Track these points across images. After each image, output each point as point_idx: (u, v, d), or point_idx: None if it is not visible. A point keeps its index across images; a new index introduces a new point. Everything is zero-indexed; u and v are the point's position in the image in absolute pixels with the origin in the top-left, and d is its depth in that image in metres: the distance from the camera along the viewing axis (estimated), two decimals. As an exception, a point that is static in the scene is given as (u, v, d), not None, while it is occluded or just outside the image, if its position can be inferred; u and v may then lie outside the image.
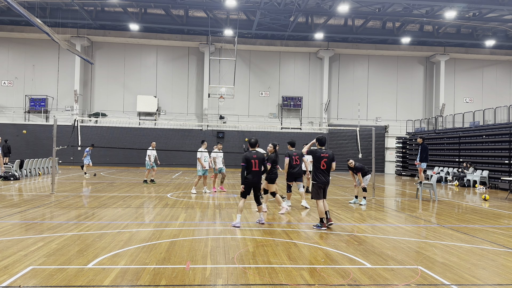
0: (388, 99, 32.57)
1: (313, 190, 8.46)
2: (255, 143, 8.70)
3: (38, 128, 28.66)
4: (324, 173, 8.40)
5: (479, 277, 5.42)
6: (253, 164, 8.40)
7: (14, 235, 7.20)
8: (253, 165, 8.41)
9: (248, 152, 8.56)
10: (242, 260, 5.91)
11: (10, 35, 29.52)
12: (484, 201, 14.26)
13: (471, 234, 8.22)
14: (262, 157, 8.58)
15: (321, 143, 8.62)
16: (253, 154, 8.47)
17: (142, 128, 29.73)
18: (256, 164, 8.42)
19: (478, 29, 29.67)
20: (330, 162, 8.48)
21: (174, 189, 15.52)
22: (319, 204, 8.35)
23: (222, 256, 6.08)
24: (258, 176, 8.49)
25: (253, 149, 8.65)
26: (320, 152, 8.45)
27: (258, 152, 8.64)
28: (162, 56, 31.26)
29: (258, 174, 8.49)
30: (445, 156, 24.72)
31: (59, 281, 4.83)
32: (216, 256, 6.07)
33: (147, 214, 9.88)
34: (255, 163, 8.41)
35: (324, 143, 8.67)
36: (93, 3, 26.78)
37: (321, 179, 8.36)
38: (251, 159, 8.39)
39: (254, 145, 8.67)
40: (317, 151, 8.47)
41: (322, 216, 8.35)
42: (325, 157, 8.39)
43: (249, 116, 31.24)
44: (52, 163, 13.94)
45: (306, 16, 28.96)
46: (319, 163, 8.37)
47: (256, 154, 8.50)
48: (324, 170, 8.39)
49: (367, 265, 5.79)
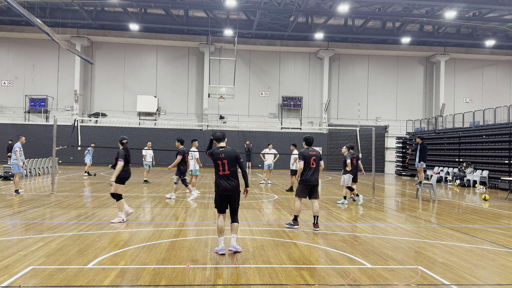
0: (388, 99, 32.57)
1: (300, 188, 8.47)
2: (222, 137, 6.50)
3: (38, 128, 28.66)
4: (314, 171, 8.44)
5: (479, 277, 5.42)
6: (221, 166, 6.28)
7: (14, 235, 7.20)
8: (221, 168, 6.28)
9: (215, 149, 6.40)
10: (242, 260, 5.91)
11: (10, 35, 29.52)
12: (484, 201, 14.26)
13: (471, 234, 8.22)
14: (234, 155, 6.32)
15: (308, 143, 8.68)
16: (221, 153, 6.30)
17: (142, 128, 29.73)
18: (226, 165, 6.27)
19: (478, 29, 29.67)
20: (319, 160, 8.53)
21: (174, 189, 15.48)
22: (297, 202, 8.40)
23: (222, 256, 6.08)
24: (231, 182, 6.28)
25: (221, 146, 6.45)
26: (309, 151, 8.51)
27: (228, 149, 6.39)
28: (162, 56, 31.27)
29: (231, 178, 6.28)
30: (445, 156, 24.72)
31: (59, 281, 4.83)
32: (216, 256, 6.07)
33: (147, 214, 9.88)
34: (223, 164, 6.27)
35: (312, 143, 8.72)
36: (93, 3, 26.78)
37: (309, 178, 8.38)
38: (217, 159, 6.29)
39: (221, 140, 6.49)
40: (306, 151, 8.52)
41: (297, 214, 8.42)
42: (313, 155, 8.46)
43: (249, 116, 31.24)
44: (52, 163, 13.94)
45: (306, 16, 28.96)
46: (308, 162, 8.40)
47: (224, 152, 6.31)
48: (313, 169, 8.43)
49: (367, 265, 5.79)
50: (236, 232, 6.38)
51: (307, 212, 10.75)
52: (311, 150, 8.53)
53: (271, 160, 18.78)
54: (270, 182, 19.04)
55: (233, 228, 6.39)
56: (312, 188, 8.41)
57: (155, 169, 25.26)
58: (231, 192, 6.27)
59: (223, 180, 6.26)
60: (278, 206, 11.71)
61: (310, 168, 8.37)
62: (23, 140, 13.32)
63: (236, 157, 6.33)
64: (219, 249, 6.23)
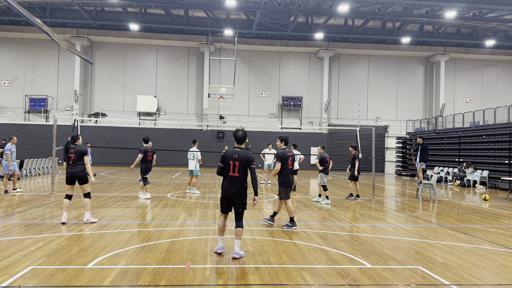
0: (388, 99, 32.57)
1: (282, 190, 8.42)
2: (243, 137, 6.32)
3: (38, 128, 28.67)
4: (291, 172, 8.46)
5: (479, 277, 5.42)
6: (231, 167, 6.10)
7: (14, 235, 7.20)
8: (231, 168, 6.10)
9: (230, 149, 6.32)
10: (242, 260, 5.91)
11: (10, 35, 29.52)
12: (484, 201, 14.26)
13: (471, 234, 8.22)
14: (246, 159, 6.14)
15: (286, 142, 8.64)
16: (235, 153, 6.16)
17: (142, 128, 29.74)
18: (236, 167, 6.09)
19: (478, 29, 29.67)
20: (293, 161, 8.56)
21: (174, 189, 15.52)
22: (289, 203, 8.38)
23: (222, 256, 6.08)
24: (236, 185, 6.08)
25: (239, 146, 6.30)
26: (287, 151, 8.48)
27: (242, 151, 6.21)
28: (162, 56, 31.27)
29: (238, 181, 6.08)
30: (445, 156, 24.72)
31: (59, 281, 4.83)
32: (216, 256, 6.06)
33: (147, 214, 9.88)
34: (234, 166, 6.10)
35: (288, 142, 8.69)
36: (93, 3, 26.78)
37: (290, 179, 8.40)
38: (229, 159, 6.14)
39: (241, 141, 6.32)
40: (285, 151, 8.46)
41: (292, 215, 8.39)
42: (291, 155, 8.45)
43: (249, 116, 31.24)
44: (52, 163, 13.95)
45: (306, 16, 28.96)
46: (286, 162, 8.36)
47: (238, 154, 6.16)
48: (290, 170, 8.44)
49: (367, 265, 5.78)
50: (240, 237, 6.06)
51: (307, 212, 10.75)
52: (288, 151, 8.47)
53: (271, 160, 18.78)
54: (270, 182, 19.05)
55: (236, 233, 6.09)
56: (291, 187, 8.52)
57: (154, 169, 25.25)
58: (235, 196, 6.06)
59: (230, 181, 6.07)
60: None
61: (287, 169, 8.33)
62: (14, 140, 13.26)
63: (248, 160, 6.12)
64: (217, 248, 6.23)
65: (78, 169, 8.28)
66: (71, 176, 8.28)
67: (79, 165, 8.31)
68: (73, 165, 8.29)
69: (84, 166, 8.35)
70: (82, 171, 8.31)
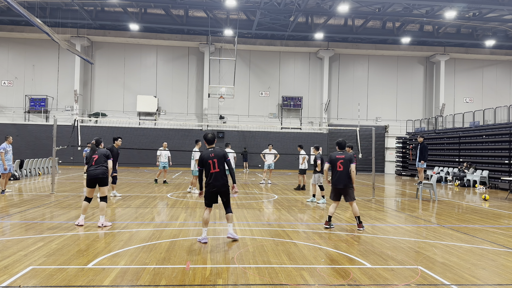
0: (388, 99, 32.58)
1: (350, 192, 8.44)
2: (213, 139, 7.27)
3: (38, 128, 28.67)
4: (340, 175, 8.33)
5: (479, 277, 5.42)
6: (211, 165, 6.96)
7: (14, 235, 7.20)
8: (211, 166, 6.96)
9: (205, 151, 7.16)
10: (242, 260, 5.91)
11: (10, 35, 29.52)
12: (484, 201, 14.26)
13: (471, 234, 8.22)
14: (222, 154, 7.06)
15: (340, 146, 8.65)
16: (210, 153, 7.03)
17: (142, 128, 29.74)
18: (216, 164, 6.98)
19: (478, 29, 29.67)
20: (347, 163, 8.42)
21: (174, 189, 15.52)
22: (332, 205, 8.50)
23: (222, 256, 6.08)
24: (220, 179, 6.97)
25: (211, 147, 7.20)
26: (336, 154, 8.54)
27: (216, 149, 7.13)
28: (162, 56, 31.27)
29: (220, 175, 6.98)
30: (445, 156, 24.72)
31: (59, 281, 4.83)
32: (216, 256, 6.07)
33: (147, 214, 9.88)
34: (213, 163, 6.98)
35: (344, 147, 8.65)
36: (93, 3, 26.78)
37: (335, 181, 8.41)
38: (208, 159, 6.98)
39: (212, 142, 7.24)
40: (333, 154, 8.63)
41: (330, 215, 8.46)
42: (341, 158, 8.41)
43: (249, 116, 31.24)
44: (52, 163, 13.93)
45: (306, 16, 28.96)
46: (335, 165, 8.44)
47: (213, 152, 7.05)
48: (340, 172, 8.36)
49: (367, 265, 5.78)
50: (232, 221, 7.08)
51: (307, 212, 10.75)
52: (338, 154, 8.46)
53: (271, 160, 18.80)
54: (270, 182, 19.06)
55: (228, 218, 7.07)
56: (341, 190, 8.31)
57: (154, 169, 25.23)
58: (221, 189, 6.94)
59: (214, 177, 6.92)
60: (278, 206, 11.71)
61: (336, 171, 8.31)
62: (10, 139, 13.21)
63: (224, 155, 7.06)
64: (201, 238, 6.89)
65: (100, 171, 8.30)
66: (92, 178, 8.25)
67: (101, 167, 8.34)
68: (96, 166, 8.31)
69: (106, 168, 8.40)
70: (103, 173, 8.34)
